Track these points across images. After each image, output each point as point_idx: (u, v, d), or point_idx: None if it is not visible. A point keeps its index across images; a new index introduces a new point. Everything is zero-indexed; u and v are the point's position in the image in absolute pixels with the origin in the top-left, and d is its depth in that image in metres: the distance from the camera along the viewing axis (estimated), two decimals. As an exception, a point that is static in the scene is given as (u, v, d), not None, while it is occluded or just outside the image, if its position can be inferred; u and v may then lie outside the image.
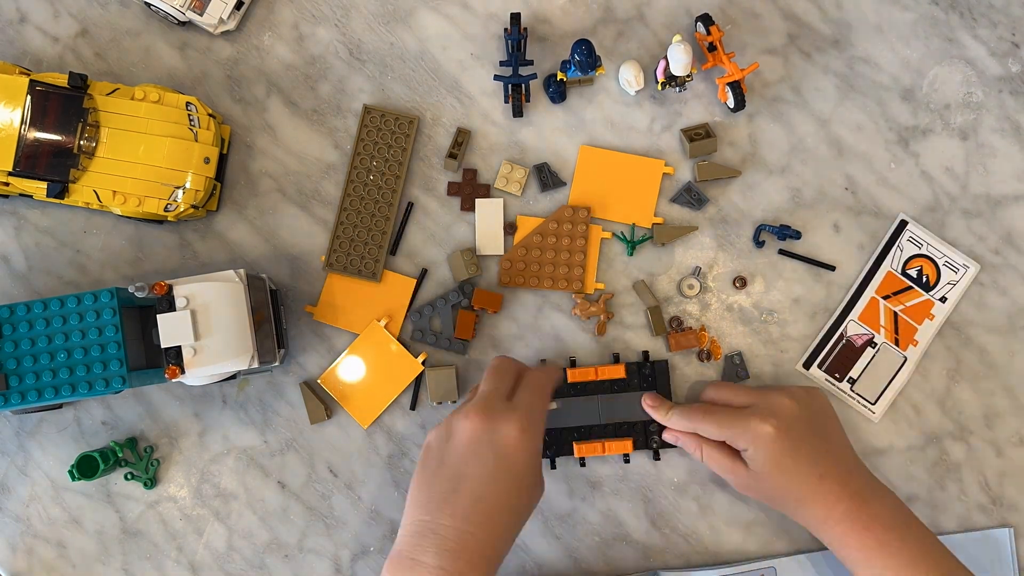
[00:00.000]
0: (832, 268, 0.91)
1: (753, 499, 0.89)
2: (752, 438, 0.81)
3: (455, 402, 0.90)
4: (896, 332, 0.92)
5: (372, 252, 0.90)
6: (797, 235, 0.91)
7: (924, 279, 0.92)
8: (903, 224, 0.92)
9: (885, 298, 0.92)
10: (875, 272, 0.92)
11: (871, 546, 0.77)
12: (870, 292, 0.92)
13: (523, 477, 0.75)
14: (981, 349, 0.92)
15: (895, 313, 0.91)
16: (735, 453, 0.84)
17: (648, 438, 0.90)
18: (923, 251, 0.92)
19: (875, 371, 0.92)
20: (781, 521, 0.90)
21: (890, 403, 0.92)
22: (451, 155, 0.91)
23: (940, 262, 0.92)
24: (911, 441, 0.92)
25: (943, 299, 0.92)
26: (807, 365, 0.92)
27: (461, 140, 0.91)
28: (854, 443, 0.90)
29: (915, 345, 0.91)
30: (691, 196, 0.91)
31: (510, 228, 0.91)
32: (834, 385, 0.91)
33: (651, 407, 0.88)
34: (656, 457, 0.90)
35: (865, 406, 0.91)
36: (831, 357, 0.92)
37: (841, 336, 0.92)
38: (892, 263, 0.92)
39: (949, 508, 0.91)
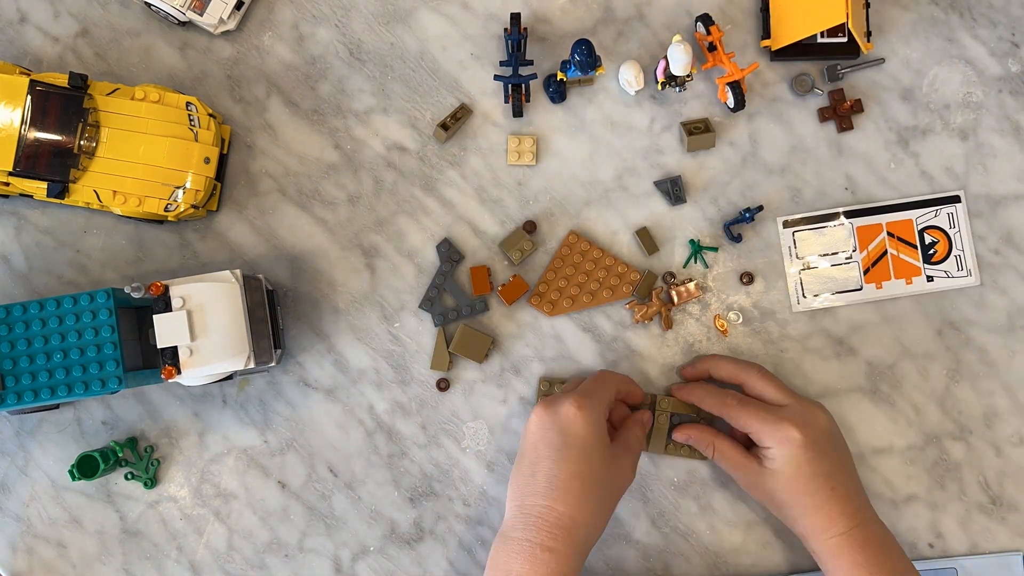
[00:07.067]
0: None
1: (753, 499, 0.89)
2: (782, 439, 0.83)
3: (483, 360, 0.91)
4: (872, 265, 0.92)
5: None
6: (759, 208, 0.90)
7: (931, 252, 0.92)
8: (956, 199, 0.92)
9: (889, 235, 0.92)
10: (901, 210, 0.92)
11: (861, 563, 0.81)
12: (883, 219, 0.92)
13: (591, 449, 0.81)
14: (981, 349, 0.92)
15: (886, 250, 0.92)
16: (746, 450, 0.86)
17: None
18: (949, 231, 0.92)
19: (830, 276, 0.92)
20: (780, 522, 0.90)
21: (812, 310, 0.92)
22: (443, 125, 0.91)
23: (954, 252, 0.92)
24: (911, 441, 0.92)
25: (930, 278, 0.92)
26: (784, 224, 0.92)
27: (460, 115, 0.91)
28: (853, 441, 0.91)
29: (877, 288, 0.91)
30: (673, 188, 0.91)
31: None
32: (791, 252, 0.92)
33: (683, 384, 0.91)
34: None
35: (797, 294, 0.92)
36: (807, 229, 0.92)
37: (831, 223, 0.92)
38: (919, 216, 0.92)
39: (949, 508, 0.91)
